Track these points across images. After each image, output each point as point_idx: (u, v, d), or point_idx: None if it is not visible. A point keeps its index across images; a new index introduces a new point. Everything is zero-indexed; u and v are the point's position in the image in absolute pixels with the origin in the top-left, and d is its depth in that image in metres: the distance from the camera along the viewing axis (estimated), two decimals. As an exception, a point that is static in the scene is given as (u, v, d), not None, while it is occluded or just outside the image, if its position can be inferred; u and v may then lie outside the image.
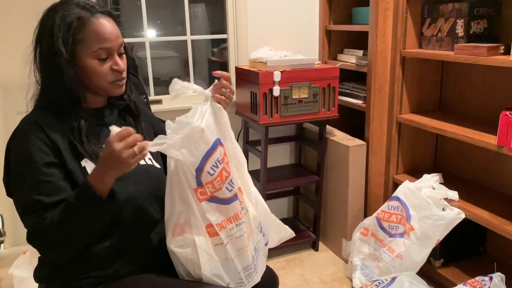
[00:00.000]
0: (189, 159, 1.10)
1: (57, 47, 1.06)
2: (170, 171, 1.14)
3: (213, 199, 1.14)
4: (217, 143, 1.14)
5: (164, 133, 1.11)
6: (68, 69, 1.07)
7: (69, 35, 1.06)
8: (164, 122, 1.39)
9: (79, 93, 1.12)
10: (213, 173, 1.12)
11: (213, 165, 1.11)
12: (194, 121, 1.10)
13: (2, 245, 2.42)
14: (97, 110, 1.19)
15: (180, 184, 1.13)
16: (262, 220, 1.28)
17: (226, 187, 1.14)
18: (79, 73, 1.10)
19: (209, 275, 1.15)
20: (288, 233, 1.36)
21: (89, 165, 1.10)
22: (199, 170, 1.10)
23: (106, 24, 1.10)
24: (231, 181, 1.15)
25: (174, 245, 1.17)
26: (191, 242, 1.14)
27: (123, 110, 1.27)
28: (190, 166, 1.10)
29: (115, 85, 1.15)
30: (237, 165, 1.24)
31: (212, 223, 1.14)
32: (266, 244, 1.32)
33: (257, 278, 1.24)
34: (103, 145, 1.14)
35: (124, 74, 1.17)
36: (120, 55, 1.15)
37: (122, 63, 1.15)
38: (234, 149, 1.24)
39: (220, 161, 1.13)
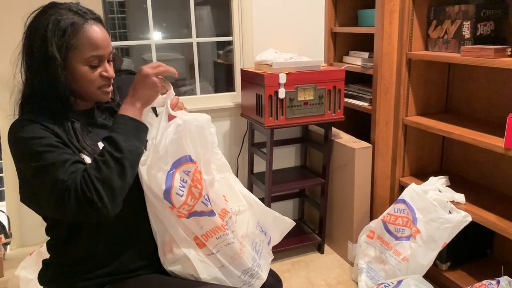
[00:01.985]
0: (152, 182, 1.10)
1: (51, 52, 1.05)
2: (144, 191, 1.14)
3: (192, 214, 1.12)
4: (182, 161, 1.10)
5: None
6: (61, 74, 1.06)
7: (63, 40, 1.06)
8: None
9: (70, 98, 1.12)
10: (182, 194, 1.10)
11: (180, 186, 1.09)
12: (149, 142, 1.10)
13: (8, 246, 2.43)
14: (86, 111, 1.19)
15: (153, 205, 1.12)
16: (260, 219, 1.27)
17: (202, 201, 1.12)
18: (69, 78, 1.09)
19: (210, 279, 1.16)
20: (287, 224, 1.34)
21: (87, 160, 1.10)
22: (167, 192, 1.09)
23: (98, 32, 1.10)
24: (205, 197, 1.12)
25: (168, 263, 1.17)
26: (182, 256, 1.14)
27: (111, 111, 1.27)
28: (156, 190, 1.09)
29: (102, 92, 1.15)
30: (220, 173, 1.21)
31: (197, 235, 1.13)
32: (268, 243, 1.31)
33: (262, 278, 1.24)
34: (98, 143, 1.15)
35: (112, 81, 1.18)
36: (108, 62, 1.16)
37: (111, 70, 1.16)
38: (213, 159, 1.20)
39: (185, 180, 1.10)
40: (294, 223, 1.36)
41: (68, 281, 1.15)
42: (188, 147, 1.11)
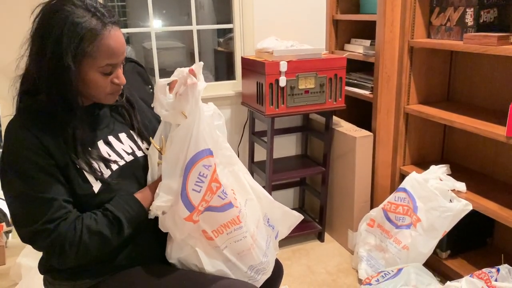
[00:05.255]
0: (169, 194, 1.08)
1: (67, 62, 0.99)
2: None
3: (207, 209, 1.10)
4: (198, 157, 1.06)
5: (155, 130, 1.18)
6: (74, 82, 1.02)
7: (79, 48, 1.00)
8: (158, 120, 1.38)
9: (77, 101, 1.07)
10: (200, 190, 1.06)
11: (196, 181, 1.05)
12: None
13: (10, 234, 2.44)
14: (87, 107, 1.15)
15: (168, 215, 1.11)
16: (268, 213, 1.25)
17: (219, 196, 1.08)
18: (80, 83, 1.05)
19: (214, 272, 1.15)
20: (296, 218, 1.33)
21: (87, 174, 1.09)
22: (184, 195, 1.06)
23: (116, 39, 1.04)
24: (223, 191, 1.09)
25: (174, 253, 1.16)
26: (187, 245, 1.13)
27: (119, 107, 1.24)
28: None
29: (110, 97, 1.12)
30: (228, 166, 1.18)
31: (206, 230, 1.11)
32: (276, 237, 1.31)
33: (268, 273, 1.24)
34: (98, 142, 1.13)
35: (122, 86, 1.14)
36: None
37: (122, 76, 1.11)
38: (222, 151, 1.16)
39: (205, 175, 1.06)
40: (302, 217, 1.35)
41: (68, 271, 1.15)
42: (207, 139, 1.08)
